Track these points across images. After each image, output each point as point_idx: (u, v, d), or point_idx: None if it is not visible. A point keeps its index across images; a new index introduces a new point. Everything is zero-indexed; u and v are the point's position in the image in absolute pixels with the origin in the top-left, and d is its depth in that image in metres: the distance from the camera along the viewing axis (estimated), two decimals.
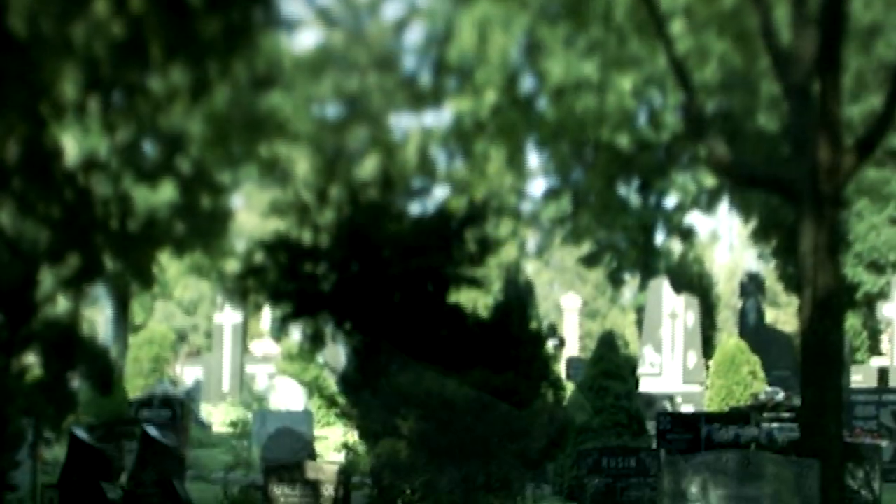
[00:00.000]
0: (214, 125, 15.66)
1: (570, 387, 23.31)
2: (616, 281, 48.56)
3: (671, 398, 30.01)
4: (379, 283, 14.87)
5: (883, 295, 37.35)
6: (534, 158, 40.31)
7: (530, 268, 51.24)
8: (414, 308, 14.92)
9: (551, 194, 42.51)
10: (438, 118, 28.11)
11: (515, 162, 34.89)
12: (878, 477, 15.61)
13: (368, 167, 17.64)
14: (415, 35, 28.88)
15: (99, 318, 38.72)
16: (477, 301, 18.57)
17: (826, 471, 12.78)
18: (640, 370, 32.74)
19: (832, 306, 13.82)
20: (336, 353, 27.22)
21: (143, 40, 11.75)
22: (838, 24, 13.94)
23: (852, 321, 36.87)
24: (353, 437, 17.97)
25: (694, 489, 12.66)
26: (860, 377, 31.95)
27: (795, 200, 14.11)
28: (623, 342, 34.99)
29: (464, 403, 13.79)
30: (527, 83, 31.49)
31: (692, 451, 16.85)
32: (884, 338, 39.14)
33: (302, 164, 18.04)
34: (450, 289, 15.38)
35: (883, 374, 32.51)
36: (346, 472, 14.85)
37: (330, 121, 20.83)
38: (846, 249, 36.42)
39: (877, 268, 38.38)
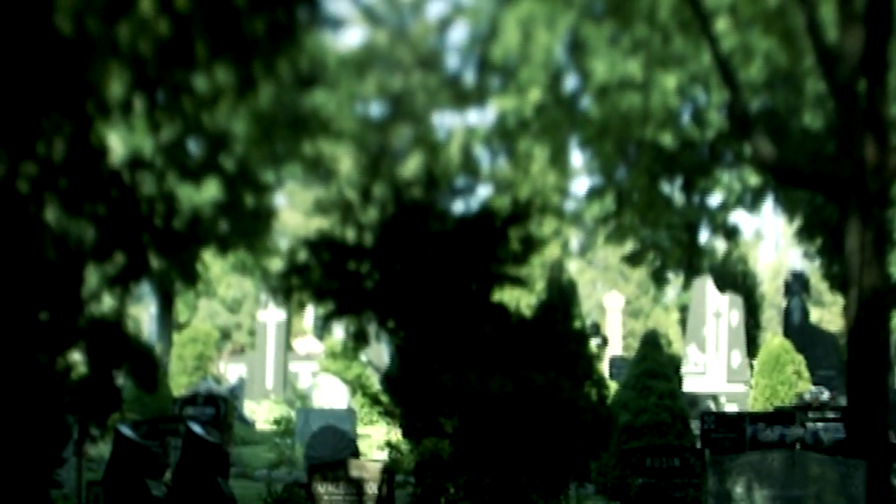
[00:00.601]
0: (259, 124, 15.73)
1: (613, 386, 23.29)
2: (659, 280, 48.29)
3: (715, 398, 29.86)
4: (422, 282, 14.86)
5: None
6: (577, 157, 40.18)
7: (573, 266, 51.03)
8: (457, 307, 14.91)
9: (595, 193, 42.31)
10: (482, 117, 28.09)
11: (559, 161, 34.77)
12: None
13: (412, 166, 17.66)
14: (458, 34, 28.92)
15: (144, 315, 38.99)
16: (520, 300, 18.60)
17: (872, 471, 12.70)
18: (684, 369, 32.59)
19: (878, 305, 13.73)
20: (379, 352, 27.35)
21: (188, 39, 11.79)
22: (885, 21, 13.84)
23: None
24: (396, 435, 18.02)
25: (739, 489, 12.61)
26: None
27: (841, 199, 14.03)
28: (666, 341, 34.88)
29: (507, 402, 13.77)
30: (570, 82, 31.35)
31: (737, 452, 16.78)
32: None
33: (345, 162, 18.09)
34: (493, 287, 15.36)
35: None
36: (389, 471, 14.86)
37: (373, 119, 20.88)
38: (892, 248, 36.09)
39: None
